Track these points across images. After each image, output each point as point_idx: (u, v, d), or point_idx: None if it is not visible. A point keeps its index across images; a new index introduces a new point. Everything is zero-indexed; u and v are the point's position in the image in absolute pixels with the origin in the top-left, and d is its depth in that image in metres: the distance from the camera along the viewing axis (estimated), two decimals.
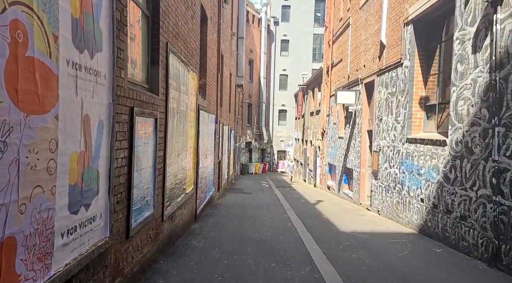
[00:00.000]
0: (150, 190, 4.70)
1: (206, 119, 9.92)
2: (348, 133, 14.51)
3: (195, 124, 8.10)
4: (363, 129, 12.67)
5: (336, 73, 16.97)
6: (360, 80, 12.89)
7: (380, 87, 10.92)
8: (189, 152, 7.45)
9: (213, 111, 11.46)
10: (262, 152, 37.41)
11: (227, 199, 14.00)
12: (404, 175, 8.96)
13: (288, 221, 9.68)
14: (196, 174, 8.41)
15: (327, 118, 18.82)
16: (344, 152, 15.08)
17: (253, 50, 34.59)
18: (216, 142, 12.33)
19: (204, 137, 9.54)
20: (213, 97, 11.48)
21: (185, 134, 6.93)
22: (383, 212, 10.43)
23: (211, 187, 11.47)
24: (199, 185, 8.99)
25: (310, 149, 24.60)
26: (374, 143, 11.35)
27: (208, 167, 10.72)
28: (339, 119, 16.23)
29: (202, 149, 9.32)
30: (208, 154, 10.52)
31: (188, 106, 7.16)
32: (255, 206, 12.18)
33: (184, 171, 7.01)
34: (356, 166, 13.34)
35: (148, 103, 4.56)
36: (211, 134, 11.00)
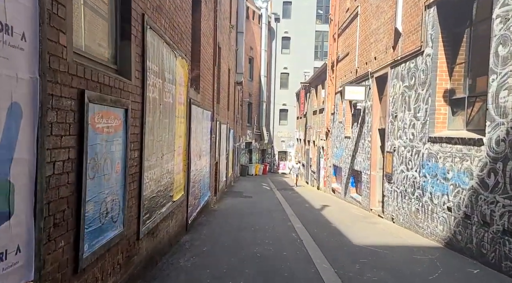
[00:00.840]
0: (117, 202, 3.58)
1: (200, 116, 8.81)
2: (356, 132, 13.40)
3: (186, 121, 6.99)
4: (373, 127, 11.56)
5: (342, 68, 15.86)
6: (370, 74, 11.78)
7: (394, 80, 9.80)
8: (177, 153, 6.34)
9: (209, 107, 10.36)
10: (263, 153, 36.27)
11: (225, 204, 12.89)
12: (426, 179, 7.84)
13: (293, 230, 8.57)
14: (187, 178, 7.30)
15: (332, 117, 17.70)
16: (352, 153, 13.96)
17: (253, 48, 33.47)
18: (212, 142, 11.22)
19: (197, 136, 8.43)
20: (209, 92, 10.38)
21: (171, 131, 5.82)
22: (398, 220, 9.31)
23: (206, 192, 10.36)
24: (191, 191, 7.87)
25: (313, 149, 23.49)
26: (387, 143, 10.24)
27: (203, 169, 9.61)
28: (346, 117, 15.11)
29: (195, 150, 8.21)
30: (202, 155, 9.41)
31: (176, 98, 6.05)
32: (256, 212, 11.06)
33: (171, 175, 5.90)
34: (365, 168, 12.23)
35: (114, 88, 3.46)
36: (206, 133, 9.90)
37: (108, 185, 3.34)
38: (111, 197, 3.42)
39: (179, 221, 6.73)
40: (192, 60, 8.34)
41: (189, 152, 7.37)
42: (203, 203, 9.80)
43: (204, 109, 9.29)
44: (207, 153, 10.25)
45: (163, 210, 5.37)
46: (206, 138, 9.93)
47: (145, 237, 4.58)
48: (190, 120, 7.40)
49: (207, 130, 10.12)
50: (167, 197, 5.63)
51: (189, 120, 7.29)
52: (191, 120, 7.44)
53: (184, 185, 7.00)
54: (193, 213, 8.14)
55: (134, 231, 4.14)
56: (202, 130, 9.19)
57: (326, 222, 9.96)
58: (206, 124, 9.80)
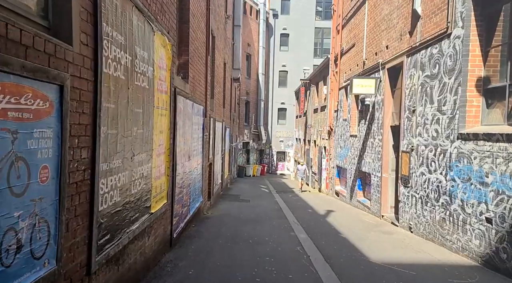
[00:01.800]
0: (44, 227, 2.36)
1: (190, 110, 7.59)
2: (364, 130, 12.20)
3: (170, 113, 5.76)
4: (385, 124, 10.36)
5: (347, 62, 14.67)
6: (381, 64, 10.58)
7: (412, 70, 8.60)
8: (157, 153, 5.11)
9: (201, 101, 9.13)
10: (261, 153, 35.04)
11: (220, 209, 11.65)
12: (455, 183, 6.64)
13: (297, 242, 7.36)
14: (171, 183, 6.07)
15: (335, 114, 16.50)
16: (358, 153, 12.77)
17: (251, 44, 32.25)
18: (205, 141, 10.00)
19: (186, 133, 7.20)
20: (200, 83, 9.15)
21: (148, 125, 4.59)
22: (417, 229, 8.11)
23: (198, 197, 9.13)
24: (178, 198, 6.63)
25: (313, 149, 22.28)
26: (402, 142, 9.04)
27: (193, 172, 8.38)
28: (351, 114, 13.91)
29: (183, 149, 6.98)
30: (193, 155, 8.19)
31: (154, 84, 4.83)
32: (254, 220, 9.84)
33: (148, 180, 4.67)
34: (375, 169, 11.03)
35: (37, 50, 2.23)
36: (197, 130, 8.68)
37: (20, 203, 2.11)
38: (29, 221, 2.19)
39: (160, 237, 5.49)
40: (180, 43, 7.12)
41: (174, 151, 6.14)
42: (194, 210, 8.57)
43: (194, 102, 8.06)
44: (198, 153, 9.02)
45: (134, 226, 4.14)
46: (197, 136, 8.71)
47: (103, 268, 3.34)
48: (176, 113, 6.17)
49: (199, 127, 8.89)
50: (141, 209, 4.41)
51: (174, 113, 6.05)
52: (176, 113, 6.21)
53: (168, 192, 5.77)
54: (180, 224, 6.90)
55: (80, 264, 2.90)
56: (192, 126, 7.96)
57: (334, 231, 8.75)
58: (197, 120, 8.58)
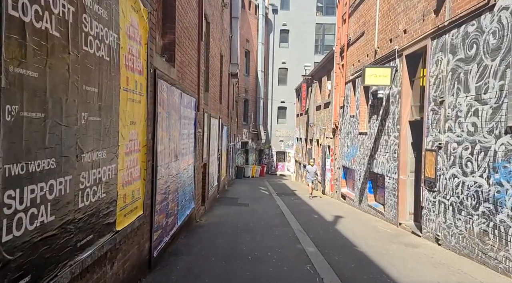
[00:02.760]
0: None
1: (177, 100, 6.34)
2: (375, 127, 10.97)
3: (147, 100, 4.50)
4: (402, 120, 9.12)
5: (355, 52, 13.43)
6: (397, 52, 9.34)
7: (439, 54, 7.36)
8: (126, 150, 3.86)
9: (192, 91, 7.89)
10: (260, 153, 33.76)
11: (215, 215, 10.39)
12: (502, 188, 5.41)
13: (306, 259, 6.11)
14: (151, 188, 4.82)
15: (341, 111, 15.27)
16: (369, 153, 11.53)
17: (249, 40, 30.98)
18: (198, 138, 8.76)
19: (171, 127, 5.95)
20: (192, 71, 7.90)
21: (109, 111, 3.34)
22: (447, 242, 6.87)
23: (188, 203, 7.88)
24: (160, 207, 5.38)
25: (316, 149, 21.04)
26: (426, 139, 7.80)
27: (183, 174, 7.13)
28: (360, 110, 12.67)
29: (168, 146, 5.73)
30: (182, 154, 6.94)
31: (121, 58, 3.58)
32: (253, 228, 8.58)
33: (110, 187, 3.42)
34: (390, 171, 9.78)
35: None
36: (188, 125, 7.43)
37: None
38: None
39: (132, 259, 4.23)
40: (164, 19, 5.86)
41: (154, 149, 4.88)
42: (184, 218, 7.32)
43: (183, 91, 6.82)
44: (189, 152, 7.77)
45: (84, 255, 2.89)
46: (188, 132, 7.46)
47: None
48: (157, 102, 4.91)
49: (189, 121, 7.64)
50: (98, 227, 3.16)
51: (154, 101, 4.80)
52: (158, 102, 4.95)
53: (144, 201, 4.51)
54: (163, 237, 5.64)
55: None
56: (181, 120, 6.71)
57: (347, 243, 7.50)
58: (187, 113, 7.33)
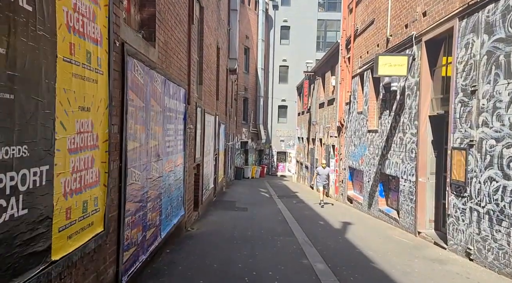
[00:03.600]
0: None
1: (159, 88, 5.25)
2: (388, 123, 9.88)
3: (109, 79, 3.40)
4: (421, 114, 8.03)
5: (363, 43, 12.35)
6: (415, 38, 8.26)
7: (469, 35, 6.27)
8: (71, 146, 2.77)
9: (180, 80, 6.80)
10: (260, 154, 32.65)
11: (209, 222, 9.29)
12: None
13: (316, 282, 5.03)
14: (118, 197, 3.73)
15: (347, 107, 14.18)
16: (380, 152, 10.44)
17: (249, 37, 29.87)
18: (189, 136, 7.68)
19: (151, 119, 4.86)
20: (180, 57, 6.81)
21: (37, 88, 2.26)
22: (483, 258, 5.78)
23: (176, 210, 6.78)
24: (133, 219, 4.27)
25: (319, 149, 19.95)
26: (453, 135, 6.71)
27: (168, 176, 6.03)
28: (369, 105, 11.59)
29: (146, 143, 4.64)
30: (166, 153, 5.85)
31: (57, 8, 2.50)
32: (252, 238, 7.48)
33: (39, 198, 2.33)
34: (405, 172, 8.69)
35: None
36: (175, 119, 6.34)
37: None
38: None
39: None
40: None
41: (122, 145, 3.79)
42: (170, 228, 6.23)
43: (168, 79, 5.73)
44: (178, 151, 6.68)
45: None
46: (175, 128, 6.38)
47: None
48: (126, 84, 3.82)
49: (177, 115, 6.55)
50: (10, 263, 2.07)
51: (121, 83, 3.71)
52: (128, 85, 3.86)
53: (105, 213, 3.42)
54: (139, 256, 4.54)
55: None
56: (165, 112, 5.62)
57: (362, 257, 6.40)
58: (174, 104, 6.24)
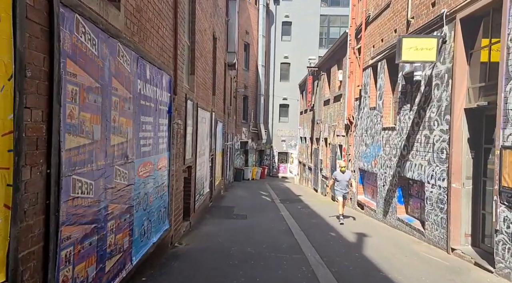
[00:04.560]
0: None
1: (129, 67, 3.92)
2: (409, 119, 8.56)
3: (12, 31, 2.10)
4: (455, 107, 6.70)
5: (376, 31, 11.03)
6: (446, 16, 6.94)
7: None
8: None
9: (162, 63, 5.48)
10: (260, 154, 31.32)
11: (202, 234, 7.96)
12: None
13: None
14: (45, 219, 2.42)
15: (357, 103, 12.86)
16: (398, 152, 9.12)
17: (249, 32, 28.55)
18: (177, 133, 6.36)
19: (115, 109, 3.54)
20: (163, 35, 5.49)
21: None
22: None
23: (157, 224, 5.45)
24: (81, 248, 2.94)
25: (324, 149, 18.62)
26: (503, 132, 5.36)
27: (145, 183, 4.70)
28: (384, 99, 10.26)
29: (104, 140, 3.32)
30: (141, 154, 4.53)
31: None
32: (252, 258, 6.14)
33: None
34: (433, 176, 7.36)
35: None
36: (154, 111, 5.01)
37: None
38: None
39: None
40: None
41: (52, 142, 2.48)
42: (147, 249, 4.91)
43: (143, 57, 4.41)
44: (159, 151, 5.36)
45: None
46: (154, 122, 5.06)
47: None
48: (59, 47, 2.51)
49: (158, 106, 5.22)
50: None
51: (49, 44, 2.40)
52: (62, 47, 2.55)
53: (8, 252, 2.10)
54: None
55: None
56: (137, 100, 4.30)
57: None
58: (152, 92, 4.92)
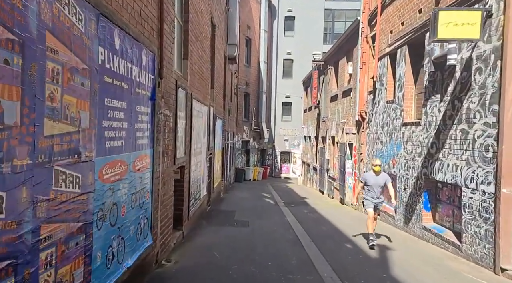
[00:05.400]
0: None
1: (81, 25, 2.70)
2: (439, 112, 7.30)
3: None
4: (507, 95, 5.45)
5: (395, 13, 9.76)
6: None
7: None
8: None
9: (140, 33, 4.23)
10: (262, 154, 30.09)
11: (196, 247, 6.71)
12: None
13: None
14: None
15: (370, 97, 11.62)
16: (424, 151, 7.87)
17: (250, 27, 27.32)
18: (163, 125, 5.13)
19: (47, 77, 2.33)
20: (144, 0, 4.28)
21: None
22: None
23: (134, 242, 4.20)
24: None
25: (330, 149, 17.38)
26: None
27: (113, 191, 3.46)
28: (405, 90, 9.01)
29: (17, 124, 2.12)
30: (103, 150, 3.29)
31: None
32: (255, 281, 4.91)
33: None
34: (474, 179, 6.10)
35: None
36: (128, 94, 3.76)
37: None
38: None
39: None
40: None
41: None
42: (118, 277, 3.67)
43: (109, 18, 3.18)
44: (135, 147, 4.12)
45: None
46: (130, 109, 3.81)
47: None
48: None
49: (134, 89, 3.98)
50: None
51: None
52: None
53: None
54: None
55: None
56: (99, 76, 3.07)
57: None
58: (125, 70, 3.67)
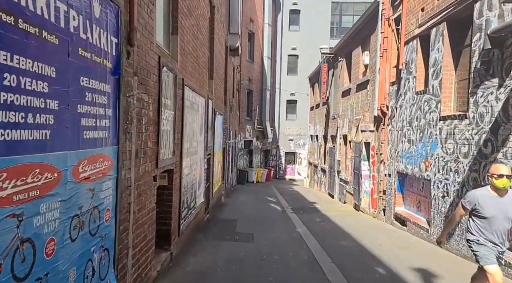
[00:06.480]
0: None
1: None
2: (496, 100, 5.74)
3: None
4: None
5: None
6: None
7: None
8: None
9: None
10: (266, 154, 28.56)
11: (186, 275, 5.16)
12: None
13: None
14: None
15: (393, 88, 10.07)
16: (473, 150, 6.31)
17: (253, 20, 25.78)
18: (137, 113, 3.63)
19: None
20: None
21: None
22: None
23: None
24: None
25: (342, 148, 15.83)
26: None
27: (18, 214, 1.99)
28: (443, 77, 7.45)
29: None
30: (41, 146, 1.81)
31: None
32: None
33: None
34: None
35: None
36: (65, 56, 2.28)
37: None
38: None
39: None
40: None
41: None
42: None
43: None
44: (84, 143, 2.60)
45: None
46: (65, 78, 2.33)
47: None
48: None
49: (75, 44, 2.47)
50: None
51: None
52: None
53: None
54: None
55: None
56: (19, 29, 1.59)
57: None
58: (52, 13, 2.20)
